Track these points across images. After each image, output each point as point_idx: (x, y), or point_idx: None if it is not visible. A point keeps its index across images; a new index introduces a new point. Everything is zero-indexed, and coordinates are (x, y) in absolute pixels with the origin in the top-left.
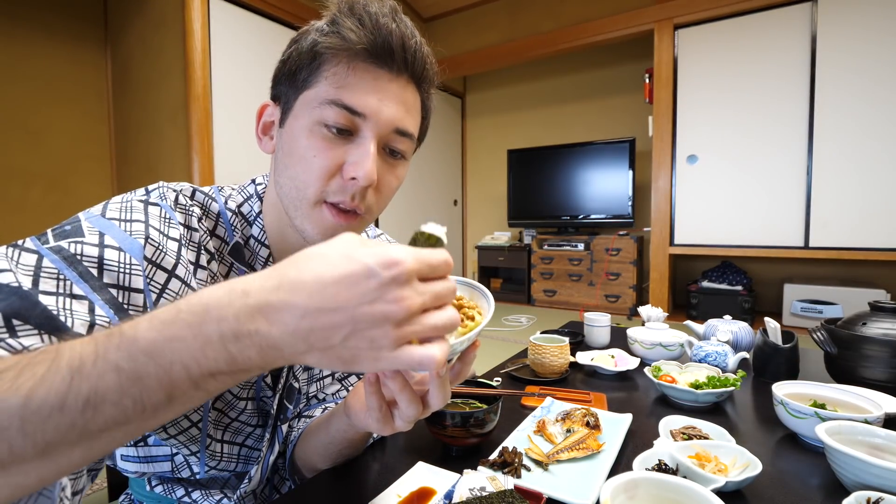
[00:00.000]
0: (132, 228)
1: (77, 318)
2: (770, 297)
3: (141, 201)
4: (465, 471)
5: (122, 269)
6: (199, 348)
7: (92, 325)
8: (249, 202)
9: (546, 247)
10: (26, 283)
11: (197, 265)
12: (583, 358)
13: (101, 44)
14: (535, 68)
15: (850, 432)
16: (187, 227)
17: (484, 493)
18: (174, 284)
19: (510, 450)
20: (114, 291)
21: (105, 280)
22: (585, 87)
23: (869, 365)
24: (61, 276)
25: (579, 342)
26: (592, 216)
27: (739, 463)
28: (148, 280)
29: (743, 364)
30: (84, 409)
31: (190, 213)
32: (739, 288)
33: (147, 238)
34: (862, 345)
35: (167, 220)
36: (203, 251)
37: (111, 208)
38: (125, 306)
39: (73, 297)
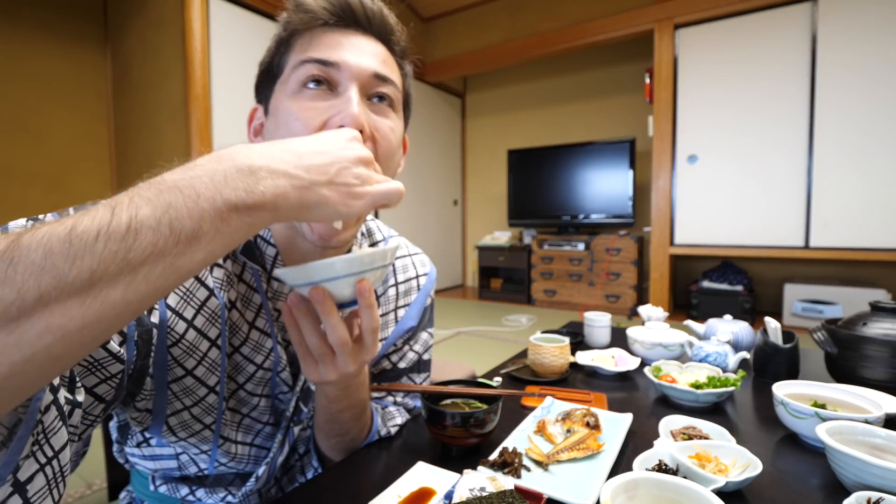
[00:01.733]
0: None
1: None
2: (770, 297)
3: None
4: (465, 471)
5: None
6: (221, 180)
7: None
8: None
9: (546, 247)
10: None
11: (213, 264)
12: (583, 358)
13: (101, 44)
14: (536, 68)
15: (850, 432)
16: None
17: (484, 494)
18: (189, 282)
19: (510, 450)
20: None
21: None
22: (585, 87)
23: (869, 365)
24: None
25: (579, 342)
26: (593, 216)
27: (740, 463)
28: None
29: (743, 364)
30: (126, 234)
31: None
32: (740, 288)
33: None
34: (862, 345)
35: None
36: None
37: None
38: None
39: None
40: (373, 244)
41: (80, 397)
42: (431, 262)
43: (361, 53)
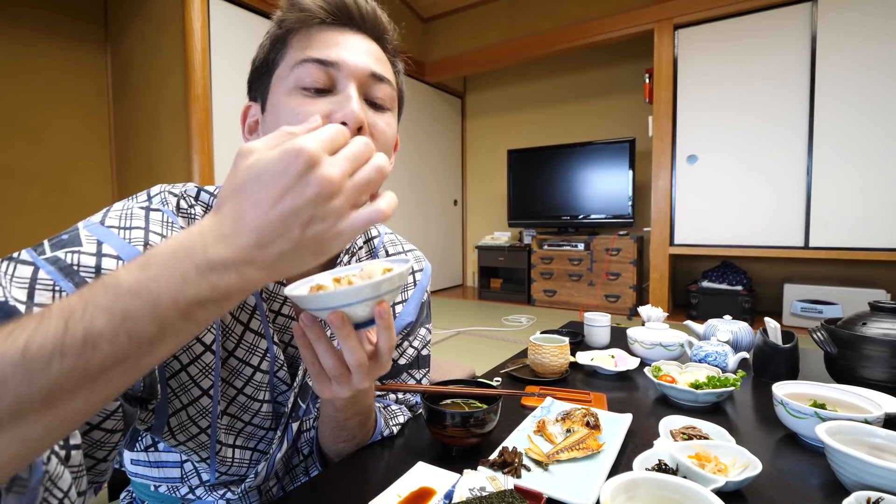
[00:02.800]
0: (131, 236)
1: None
2: (770, 297)
3: (142, 208)
4: (465, 471)
5: None
6: (180, 281)
7: None
8: None
9: (546, 247)
10: (21, 297)
11: None
12: (583, 358)
13: (101, 44)
14: (535, 68)
15: (850, 432)
16: (190, 217)
17: (484, 493)
18: None
19: (510, 450)
20: None
21: None
22: (585, 87)
23: (869, 365)
24: (57, 288)
25: (579, 342)
26: (592, 216)
27: (739, 463)
28: None
29: (743, 364)
30: (83, 349)
31: (192, 216)
32: (739, 288)
33: (146, 244)
34: (862, 345)
35: (169, 225)
36: None
37: (111, 216)
38: None
39: None
40: (367, 240)
41: (76, 440)
42: (426, 259)
43: (358, 52)
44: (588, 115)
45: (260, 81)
